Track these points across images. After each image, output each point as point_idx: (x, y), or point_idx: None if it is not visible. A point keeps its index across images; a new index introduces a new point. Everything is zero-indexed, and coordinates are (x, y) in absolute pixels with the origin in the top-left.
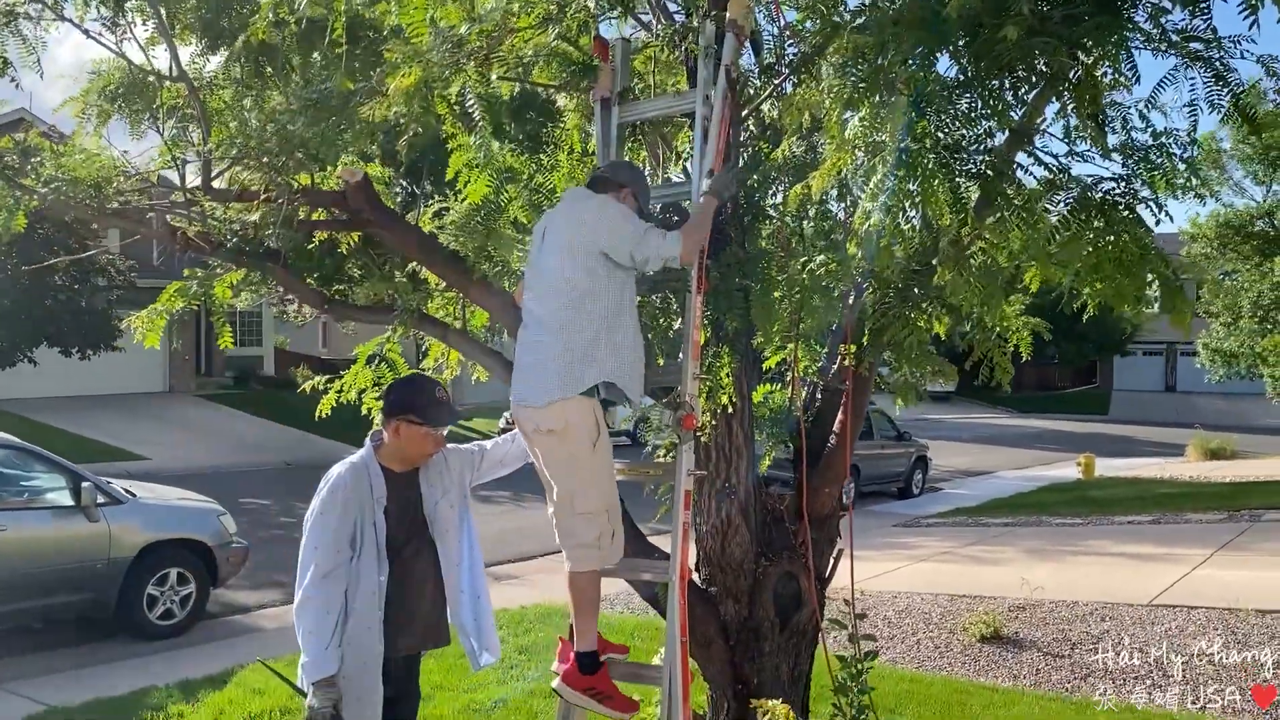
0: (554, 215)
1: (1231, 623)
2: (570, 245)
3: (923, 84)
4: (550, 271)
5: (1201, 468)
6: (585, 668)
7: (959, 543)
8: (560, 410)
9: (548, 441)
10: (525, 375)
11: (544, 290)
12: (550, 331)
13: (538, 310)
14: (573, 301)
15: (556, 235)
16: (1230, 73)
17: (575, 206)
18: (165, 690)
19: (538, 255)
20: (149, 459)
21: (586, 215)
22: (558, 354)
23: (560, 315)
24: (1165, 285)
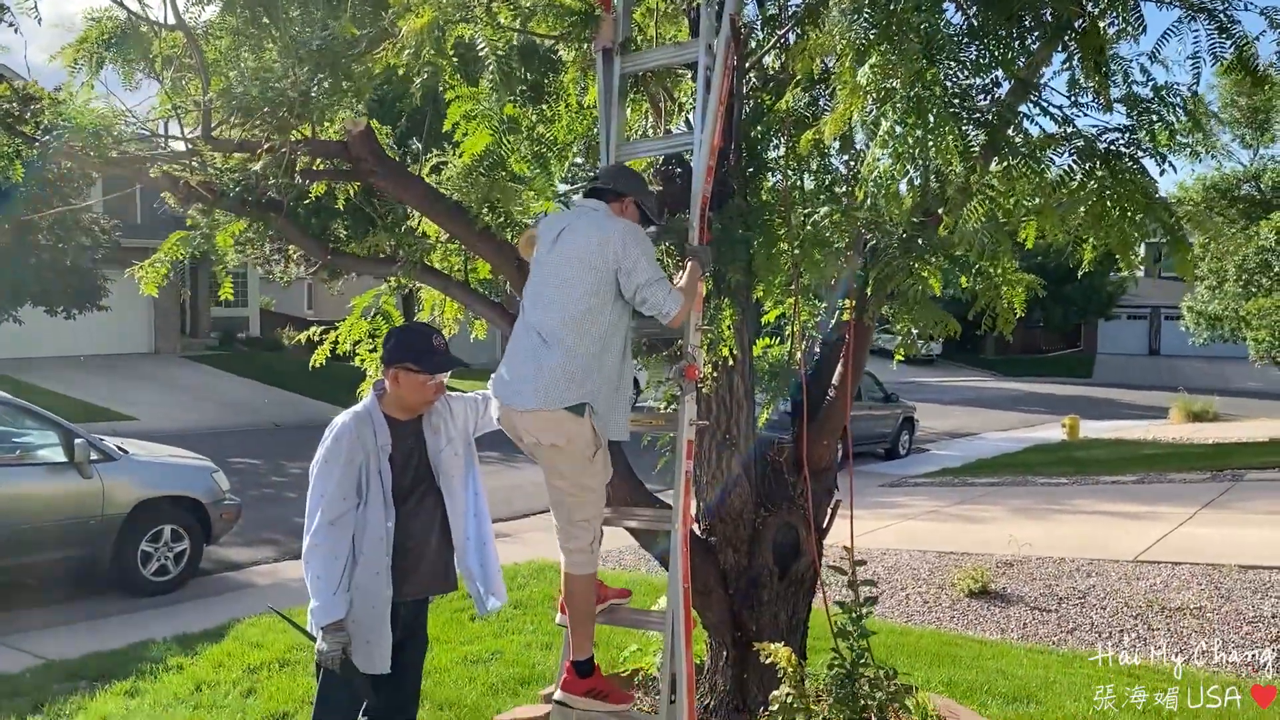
0: (573, 224)
1: (1215, 578)
2: (588, 261)
3: (933, 31)
4: (561, 281)
5: (1184, 429)
6: (582, 672)
7: (946, 502)
8: (559, 425)
9: (550, 455)
10: (513, 376)
11: (550, 297)
12: (550, 341)
13: (538, 316)
14: (577, 316)
15: (574, 247)
16: (1234, 24)
17: (600, 224)
18: (163, 643)
19: (547, 257)
20: (136, 419)
21: (612, 238)
22: (553, 366)
23: (561, 327)
24: (1170, 234)
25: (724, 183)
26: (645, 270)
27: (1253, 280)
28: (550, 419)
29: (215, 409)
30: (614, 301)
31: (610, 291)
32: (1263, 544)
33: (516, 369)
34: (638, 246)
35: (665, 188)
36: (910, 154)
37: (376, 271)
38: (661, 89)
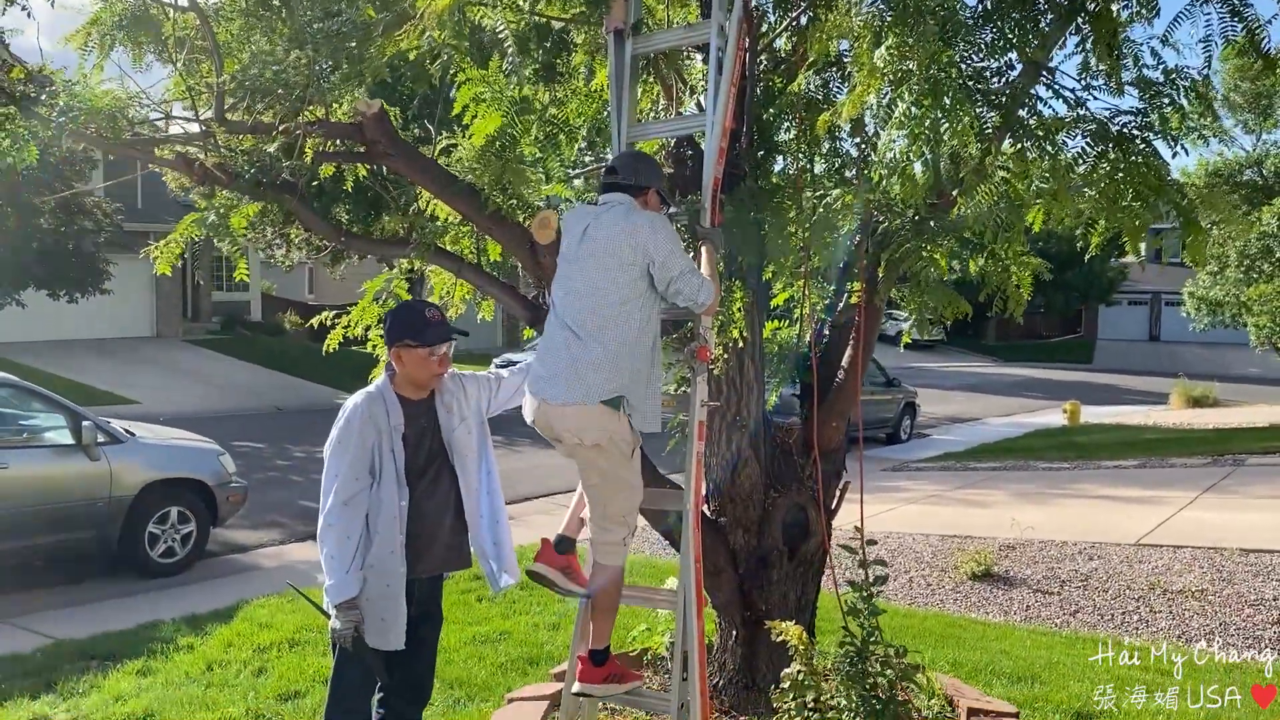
0: (599, 218)
1: (1216, 561)
2: (618, 255)
3: (950, 13)
4: (591, 276)
5: (1185, 415)
6: (598, 660)
7: (948, 486)
8: (599, 421)
9: (589, 454)
10: (548, 371)
11: (581, 292)
12: (583, 336)
13: (570, 312)
14: (610, 311)
15: (603, 241)
16: (1247, 8)
17: (628, 217)
18: (172, 624)
19: (576, 251)
20: (138, 403)
21: (640, 229)
22: (589, 360)
23: (595, 322)
24: (1184, 216)
25: (735, 165)
26: (678, 262)
27: (1254, 266)
28: (589, 415)
29: (217, 393)
30: (646, 293)
31: (642, 284)
32: (1264, 528)
33: (551, 365)
34: (668, 239)
35: (676, 170)
36: (926, 135)
37: (389, 254)
38: (673, 71)
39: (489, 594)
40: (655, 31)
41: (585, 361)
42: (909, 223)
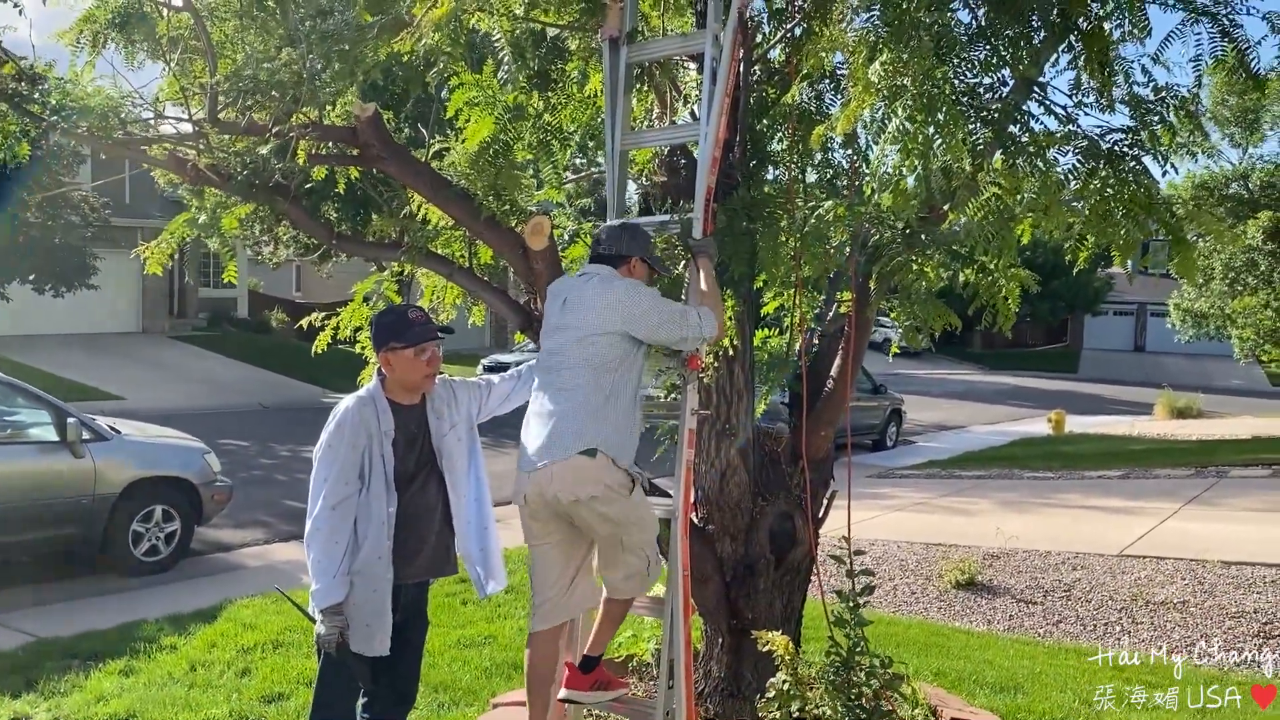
0: (581, 290)
1: (1198, 573)
2: (599, 324)
3: (944, 30)
4: (568, 349)
5: (1169, 426)
6: (587, 667)
7: (933, 494)
8: (588, 473)
9: (590, 511)
10: (531, 443)
11: (558, 365)
12: (557, 404)
13: (552, 380)
14: (590, 375)
15: (584, 312)
16: (1236, 28)
17: (607, 286)
18: (156, 623)
19: (558, 321)
20: (123, 398)
21: (616, 298)
22: (563, 418)
23: (574, 382)
24: (1173, 234)
25: (728, 175)
26: (657, 311)
27: (1239, 279)
28: (573, 468)
29: (202, 389)
30: (626, 355)
31: (622, 348)
32: (1246, 540)
33: (531, 437)
34: (647, 296)
35: (670, 178)
36: (919, 150)
37: (380, 257)
38: (667, 80)
39: (474, 598)
40: (650, 40)
41: (561, 419)
42: (900, 235)
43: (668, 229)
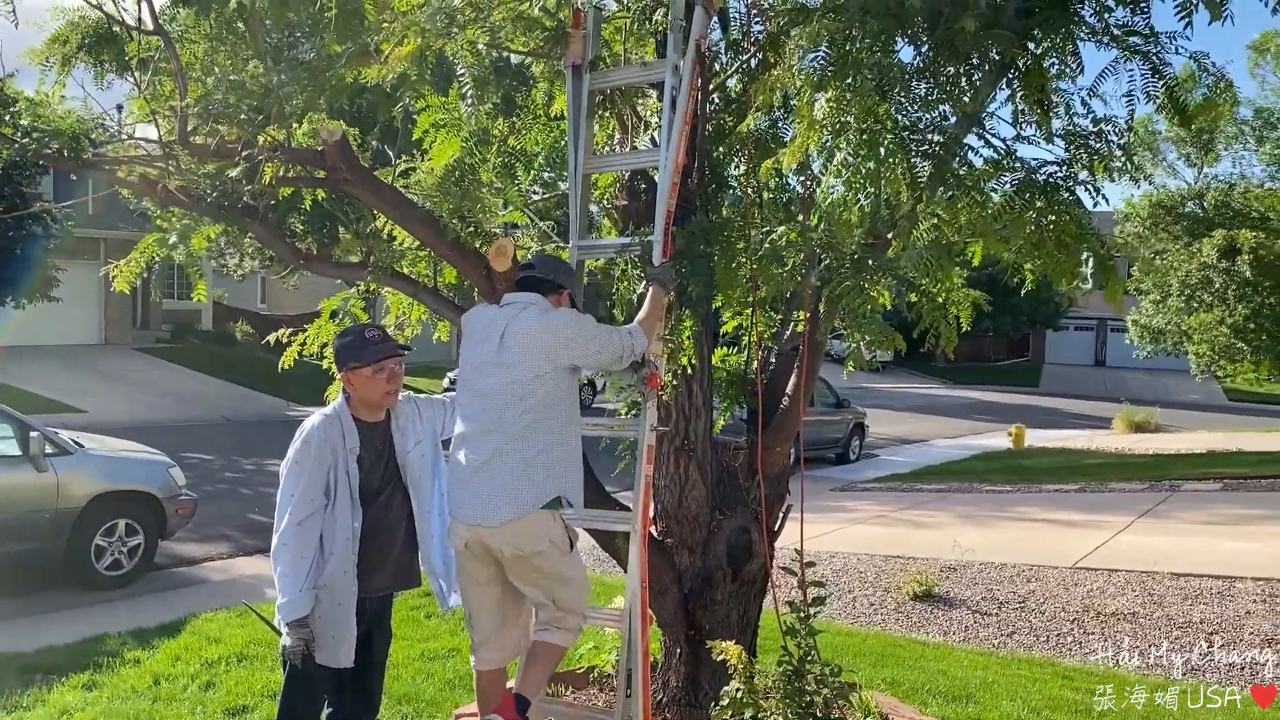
0: (517, 320)
1: (1148, 584)
2: (548, 354)
3: (886, 70)
4: (518, 377)
5: (1127, 440)
6: (521, 708)
7: (894, 507)
8: (537, 528)
9: (527, 564)
10: (479, 494)
11: (506, 396)
12: (506, 441)
13: (491, 418)
14: (533, 411)
15: (529, 343)
16: (1166, 66)
17: (547, 316)
18: (119, 637)
19: (497, 357)
20: (85, 411)
21: (562, 327)
22: (514, 468)
23: (517, 426)
24: (1100, 262)
25: (687, 199)
26: (599, 337)
27: (1194, 296)
28: (527, 524)
29: (166, 402)
30: (568, 392)
31: (565, 384)
32: (1194, 552)
33: (480, 484)
34: (587, 324)
35: (631, 201)
36: (862, 184)
37: (347, 276)
38: (629, 106)
39: (437, 611)
40: (612, 69)
41: (518, 470)
42: (849, 260)
43: (628, 251)
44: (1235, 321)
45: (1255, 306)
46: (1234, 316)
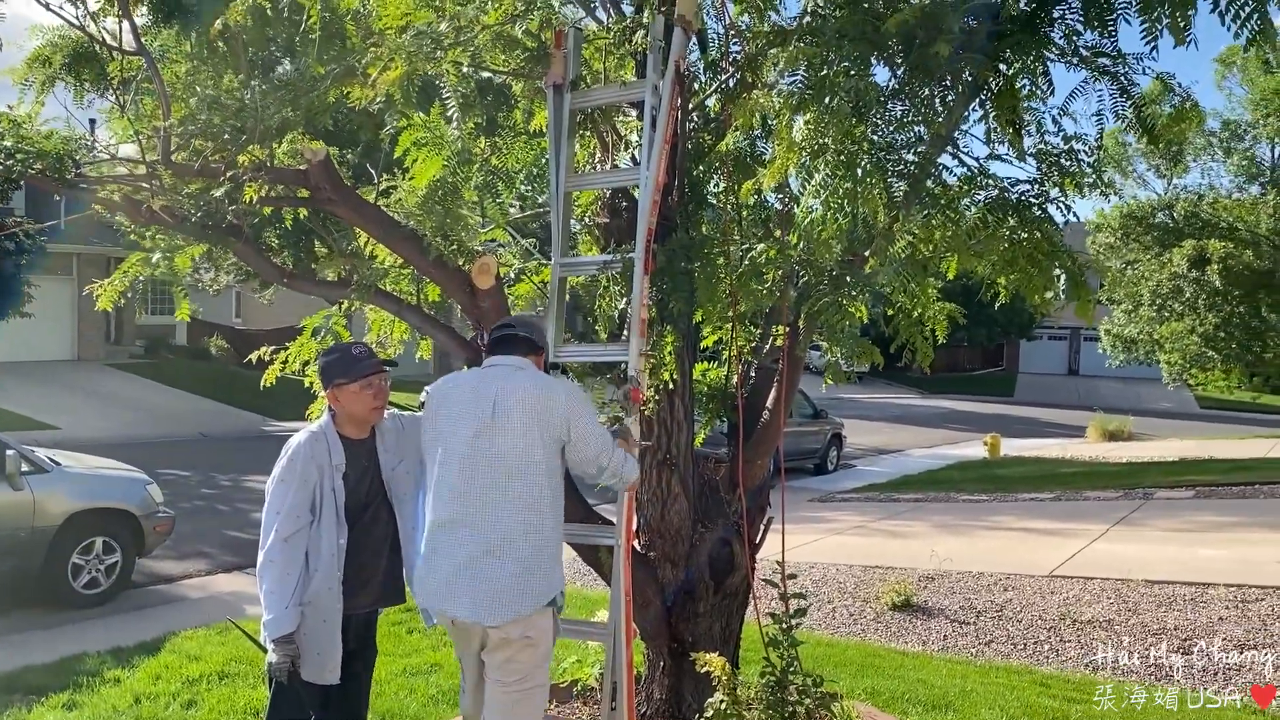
0: (509, 383)
1: (1123, 592)
2: (547, 424)
3: (863, 92)
4: (518, 446)
5: (1100, 448)
6: None
7: (872, 517)
8: (534, 627)
9: (516, 649)
10: (475, 591)
11: (496, 472)
12: (506, 545)
13: (487, 494)
14: (543, 486)
15: (528, 409)
16: (1133, 86)
17: (543, 383)
18: (98, 656)
19: (490, 422)
20: (58, 428)
21: (560, 400)
22: (515, 569)
23: (528, 498)
24: (1072, 279)
25: (667, 217)
26: (603, 440)
27: (1165, 305)
28: (525, 622)
29: (141, 418)
30: (559, 470)
31: (558, 460)
32: (1168, 559)
33: (473, 584)
34: (590, 409)
35: (612, 219)
36: (840, 203)
37: (331, 295)
38: (609, 125)
39: (421, 627)
40: (593, 88)
41: (518, 571)
42: (828, 277)
43: (610, 268)
44: (1206, 330)
45: (1225, 315)
46: (1204, 325)
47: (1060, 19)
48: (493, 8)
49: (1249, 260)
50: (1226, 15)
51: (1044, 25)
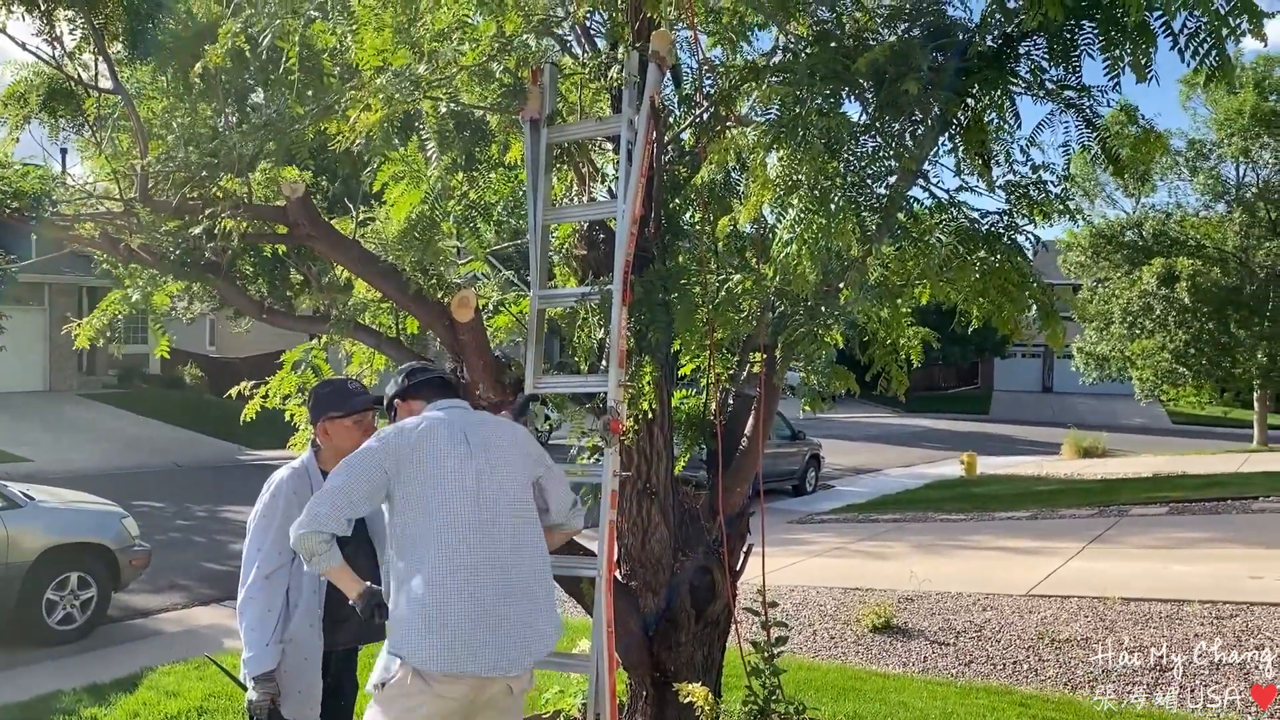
0: (476, 423)
1: (1100, 610)
2: (526, 461)
3: (835, 129)
4: (507, 487)
5: (1075, 465)
6: None
7: (851, 538)
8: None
9: (511, 701)
10: (500, 637)
11: (510, 512)
12: (527, 570)
13: (500, 537)
14: (535, 526)
15: (508, 446)
16: (1098, 118)
17: (516, 427)
18: (74, 694)
19: (473, 462)
20: (30, 460)
21: (531, 447)
22: (531, 605)
23: (526, 538)
24: (1043, 310)
25: (645, 248)
26: (566, 487)
27: (1136, 323)
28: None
29: (115, 449)
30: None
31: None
32: (1143, 576)
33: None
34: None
35: (589, 252)
36: (814, 238)
37: (310, 329)
38: (586, 159)
39: None
40: (569, 123)
41: (545, 604)
42: (803, 308)
43: (588, 300)
44: (1176, 347)
45: (1195, 332)
46: (1175, 342)
47: (1026, 55)
48: (470, 49)
49: (1217, 277)
50: (1186, 52)
51: (1010, 61)
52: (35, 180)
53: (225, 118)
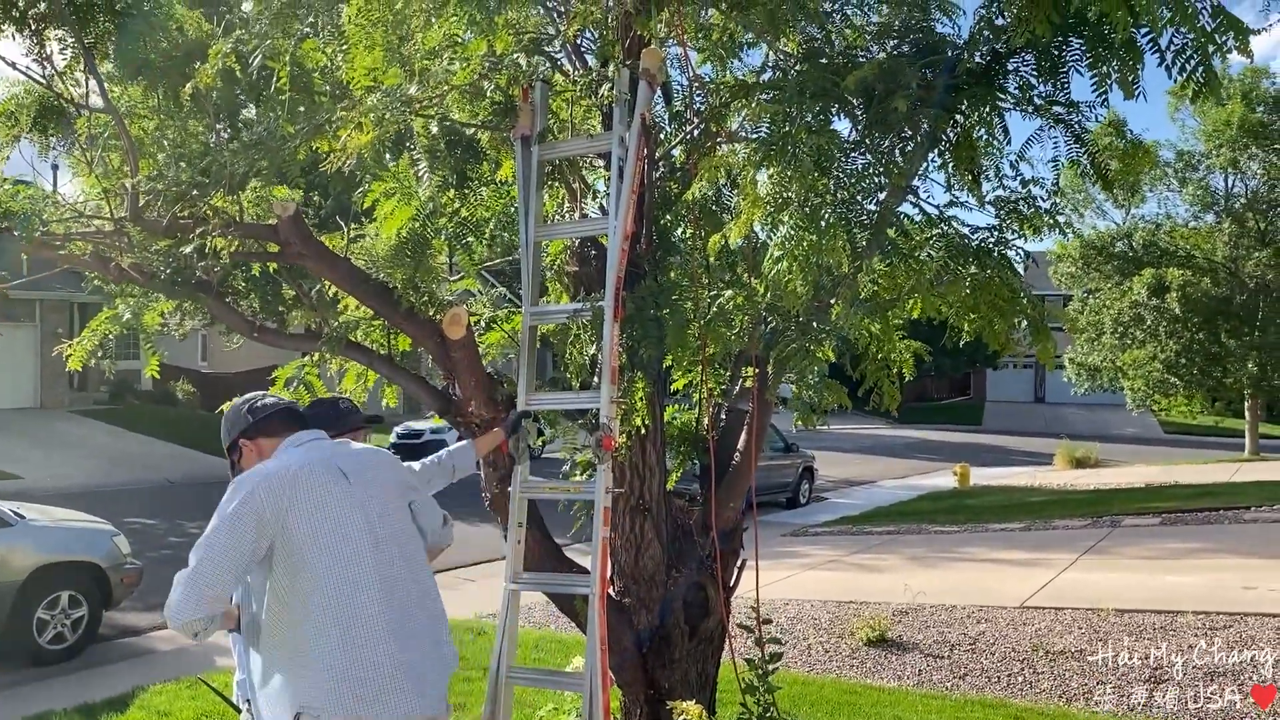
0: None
1: (1094, 622)
2: (398, 491)
3: (824, 147)
4: (403, 525)
5: (1068, 476)
6: None
7: (845, 551)
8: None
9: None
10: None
11: (406, 547)
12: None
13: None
14: (425, 562)
15: (384, 478)
16: (1086, 133)
17: (381, 456)
18: (65, 714)
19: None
20: (21, 478)
21: (400, 470)
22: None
23: (422, 571)
24: (1034, 326)
25: (636, 264)
26: (435, 506)
27: (1127, 333)
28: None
29: (106, 466)
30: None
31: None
32: (1137, 587)
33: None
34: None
35: (581, 268)
36: (804, 255)
37: (302, 348)
38: (577, 175)
39: None
40: (560, 140)
41: (440, 640)
42: (794, 324)
43: (580, 316)
44: (1167, 357)
45: (1185, 342)
46: (1166, 352)
47: (1015, 71)
48: (460, 67)
49: (1207, 287)
50: (1174, 68)
51: (999, 77)
52: (25, 200)
53: (217, 134)
